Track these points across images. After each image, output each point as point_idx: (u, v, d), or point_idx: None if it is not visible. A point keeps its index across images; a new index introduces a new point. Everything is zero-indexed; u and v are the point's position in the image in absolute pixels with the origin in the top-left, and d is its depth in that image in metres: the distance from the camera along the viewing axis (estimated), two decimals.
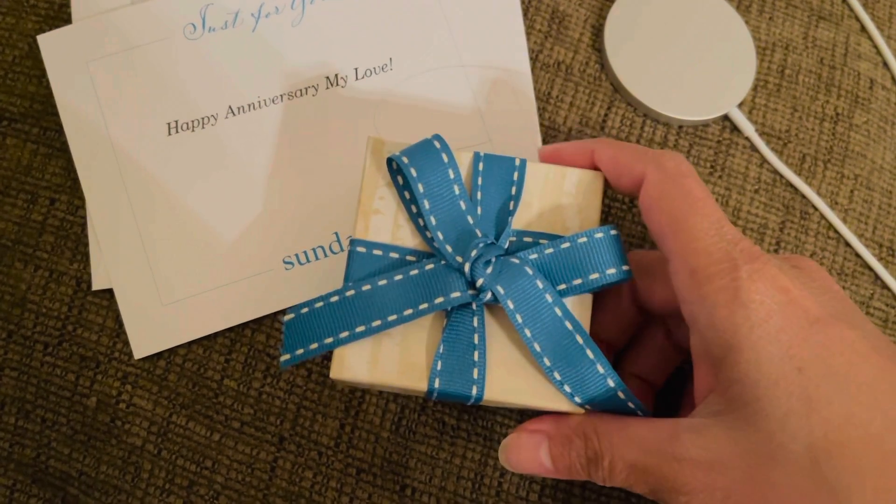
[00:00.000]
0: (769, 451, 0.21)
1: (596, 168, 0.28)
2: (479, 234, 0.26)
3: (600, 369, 0.25)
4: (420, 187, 0.25)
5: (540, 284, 0.25)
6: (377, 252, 0.26)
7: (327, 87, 0.35)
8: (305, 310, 0.26)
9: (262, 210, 0.34)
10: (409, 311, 0.25)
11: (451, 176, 0.26)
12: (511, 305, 0.25)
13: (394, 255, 0.26)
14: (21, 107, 0.36)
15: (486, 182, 0.27)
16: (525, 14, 0.38)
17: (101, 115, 0.34)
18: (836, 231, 0.35)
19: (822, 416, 0.21)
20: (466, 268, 0.25)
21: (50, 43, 0.35)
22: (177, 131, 0.35)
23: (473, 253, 0.25)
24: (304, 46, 0.36)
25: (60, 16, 0.37)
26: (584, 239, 0.25)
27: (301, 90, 0.35)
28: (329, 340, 0.25)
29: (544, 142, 0.36)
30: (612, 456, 0.24)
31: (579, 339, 0.25)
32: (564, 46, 0.37)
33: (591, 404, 0.25)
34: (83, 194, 0.34)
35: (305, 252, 0.33)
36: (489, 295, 0.25)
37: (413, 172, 0.25)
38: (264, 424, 0.32)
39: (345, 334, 0.25)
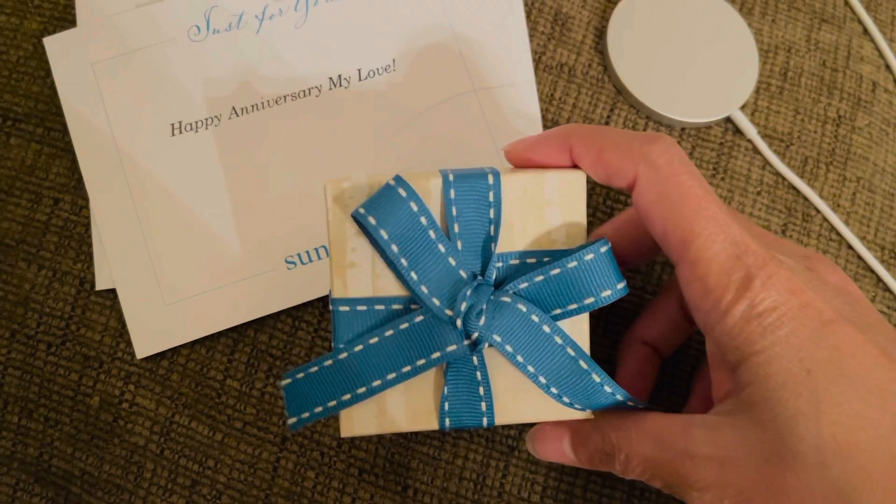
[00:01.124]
0: (778, 452, 0.21)
1: (575, 165, 0.26)
2: (465, 276, 0.24)
3: (608, 389, 0.25)
4: (394, 248, 0.24)
5: (536, 318, 0.24)
6: (361, 308, 0.25)
7: (330, 88, 0.35)
8: (301, 375, 0.25)
9: (264, 210, 0.34)
10: (407, 369, 0.24)
11: (424, 223, 0.24)
12: (510, 349, 0.24)
13: (379, 307, 0.25)
14: (25, 107, 0.36)
15: (462, 209, 0.25)
16: (528, 16, 0.38)
17: (106, 117, 0.35)
18: (838, 233, 0.35)
19: (830, 419, 0.21)
20: (458, 323, 0.24)
21: (56, 45, 0.35)
22: (180, 132, 0.35)
23: (463, 306, 0.24)
24: (308, 48, 0.36)
25: (65, 16, 0.37)
26: (575, 263, 0.24)
27: (304, 91, 0.35)
28: (332, 403, 0.25)
29: None
30: (629, 450, 0.24)
31: (583, 365, 0.25)
32: (567, 48, 0.37)
33: (602, 411, 0.26)
34: (87, 194, 0.34)
35: (308, 252, 0.33)
36: (486, 345, 0.24)
37: (384, 235, 0.23)
38: (267, 424, 0.32)
39: (347, 397, 0.24)
